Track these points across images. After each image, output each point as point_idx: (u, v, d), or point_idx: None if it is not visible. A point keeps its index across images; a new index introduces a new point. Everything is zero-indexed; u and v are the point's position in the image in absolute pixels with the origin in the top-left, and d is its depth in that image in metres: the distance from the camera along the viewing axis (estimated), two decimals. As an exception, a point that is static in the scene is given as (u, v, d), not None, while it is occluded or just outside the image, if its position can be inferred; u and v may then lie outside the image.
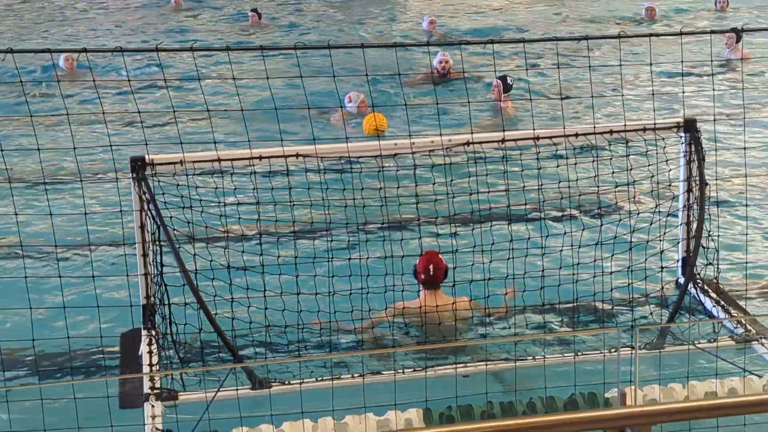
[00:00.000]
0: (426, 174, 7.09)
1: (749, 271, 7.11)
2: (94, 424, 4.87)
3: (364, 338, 6.47)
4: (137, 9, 21.22)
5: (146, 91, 13.21)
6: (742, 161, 7.83)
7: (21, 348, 6.52)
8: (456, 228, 6.67)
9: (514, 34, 16.95)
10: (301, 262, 6.32)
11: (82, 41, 18.00)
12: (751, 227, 7.98)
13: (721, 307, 6.32)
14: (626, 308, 6.67)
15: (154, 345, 5.92)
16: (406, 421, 4.91)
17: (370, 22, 19.50)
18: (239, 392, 5.27)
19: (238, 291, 6.03)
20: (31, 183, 9.56)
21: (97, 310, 5.89)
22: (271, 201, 6.39)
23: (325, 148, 6.42)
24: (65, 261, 8.00)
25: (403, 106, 9.81)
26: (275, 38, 18.13)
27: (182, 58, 14.13)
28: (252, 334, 6.03)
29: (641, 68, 12.52)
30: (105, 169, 9.86)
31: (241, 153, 6.17)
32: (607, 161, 6.83)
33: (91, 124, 11.62)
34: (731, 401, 3.93)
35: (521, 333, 6.38)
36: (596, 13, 18.78)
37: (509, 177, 6.53)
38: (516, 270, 6.39)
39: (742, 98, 9.64)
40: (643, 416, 3.46)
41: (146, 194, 5.84)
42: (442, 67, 12.79)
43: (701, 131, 6.50)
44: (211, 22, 19.77)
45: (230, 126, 10.71)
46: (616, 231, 6.54)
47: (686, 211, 6.50)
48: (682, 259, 6.64)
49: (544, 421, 3.51)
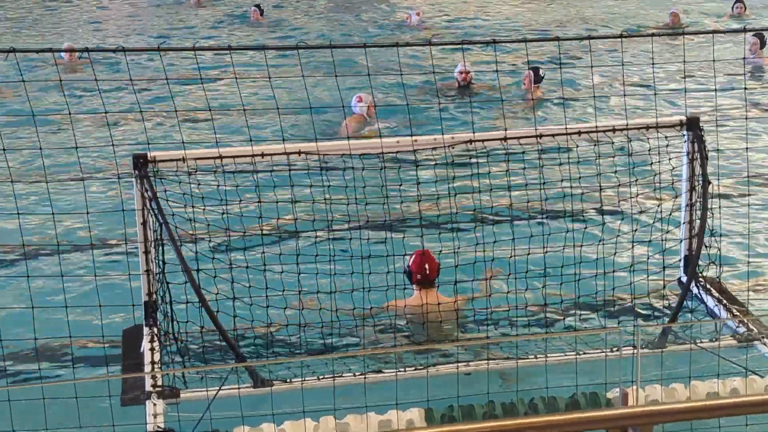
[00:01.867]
0: (429, 171, 7.09)
1: (752, 269, 7.11)
2: (96, 422, 4.87)
3: (365, 334, 6.47)
4: (147, 5, 21.29)
5: (150, 88, 13.20)
6: (744, 160, 7.83)
7: (23, 346, 6.53)
8: (457, 226, 6.67)
9: (532, 35, 16.91)
10: (303, 262, 6.31)
11: (92, 34, 18.10)
12: (754, 226, 7.96)
13: (724, 306, 6.31)
14: (628, 307, 6.66)
15: (156, 342, 5.92)
16: (407, 420, 4.91)
17: (370, 19, 19.56)
18: (241, 391, 5.27)
19: (240, 289, 6.03)
20: (33, 181, 9.56)
21: (99, 309, 5.89)
22: (273, 199, 6.38)
23: (327, 146, 6.41)
24: (67, 259, 8.00)
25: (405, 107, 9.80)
26: (277, 34, 18.18)
27: (187, 56, 14.12)
28: (254, 333, 6.03)
29: (664, 69, 12.63)
30: (107, 166, 9.88)
31: (243, 150, 6.17)
32: (611, 159, 6.83)
33: (92, 124, 11.63)
34: (733, 401, 3.92)
35: (522, 333, 6.38)
36: (621, 19, 18.71)
37: (511, 175, 6.51)
38: (518, 269, 6.38)
39: (744, 97, 9.64)
40: (645, 416, 3.46)
41: (148, 191, 5.84)
42: (462, 79, 12.84)
43: (704, 130, 6.49)
44: (215, 17, 19.79)
45: (234, 123, 10.72)
46: (618, 229, 6.53)
47: (689, 210, 6.49)
48: (684, 257, 6.62)
49: (545, 421, 3.50)
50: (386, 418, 4.96)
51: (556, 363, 5.56)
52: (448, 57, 14.72)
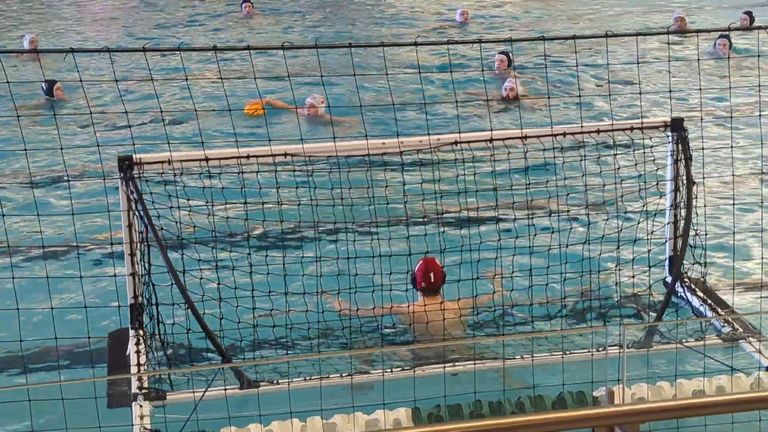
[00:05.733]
0: (414, 172, 7.09)
1: (736, 269, 7.13)
2: (82, 424, 4.85)
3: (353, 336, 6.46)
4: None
5: (137, 90, 13.16)
6: (729, 160, 7.85)
7: (8, 348, 6.50)
8: (444, 227, 6.67)
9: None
10: (289, 262, 6.31)
11: (84, 34, 18.12)
12: (739, 226, 8.00)
13: (709, 305, 6.34)
14: (614, 307, 6.68)
15: (141, 345, 5.90)
16: (394, 420, 4.91)
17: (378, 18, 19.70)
18: (227, 392, 5.26)
19: (226, 291, 6.01)
20: (19, 183, 9.52)
21: (85, 311, 5.87)
22: (259, 201, 6.37)
23: (313, 147, 6.40)
24: (53, 261, 7.96)
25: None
26: (268, 28, 18.24)
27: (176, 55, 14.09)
28: (240, 334, 6.01)
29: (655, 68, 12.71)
30: (91, 168, 9.84)
31: (229, 152, 6.15)
32: (595, 160, 6.85)
33: (79, 124, 11.59)
34: (719, 399, 3.95)
35: (509, 332, 6.39)
36: (628, 25, 18.74)
37: (497, 176, 6.52)
38: (504, 268, 6.39)
39: (729, 98, 9.68)
40: (632, 415, 3.47)
41: (134, 194, 5.82)
42: (506, 95, 12.58)
43: (688, 130, 6.52)
44: (205, 15, 19.84)
45: (219, 125, 10.69)
46: (603, 230, 6.55)
47: (673, 210, 6.52)
48: (669, 258, 6.65)
49: (532, 420, 3.51)
50: (373, 417, 4.96)
51: (542, 363, 5.57)
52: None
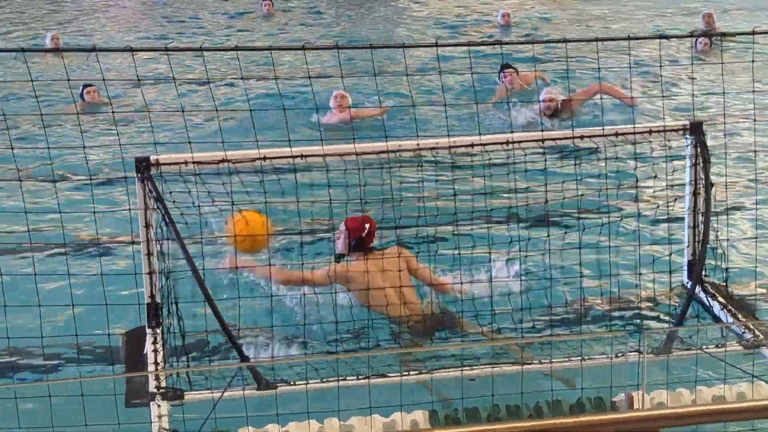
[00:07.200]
0: (431, 173, 7.09)
1: (759, 274, 7.08)
2: (100, 422, 4.87)
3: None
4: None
5: (156, 89, 13.22)
6: (752, 164, 7.80)
7: (28, 344, 6.54)
8: (458, 229, 6.65)
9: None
10: (307, 262, 6.32)
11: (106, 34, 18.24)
12: (761, 229, 7.94)
13: (729, 311, 6.28)
14: (633, 312, 6.64)
15: (159, 343, 5.92)
16: (411, 422, 4.90)
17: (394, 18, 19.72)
18: (245, 392, 5.27)
19: (244, 290, 6.03)
20: (39, 180, 9.58)
21: (105, 308, 5.90)
22: (278, 200, 6.38)
23: (331, 149, 6.40)
24: (74, 259, 8.01)
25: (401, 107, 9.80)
26: (287, 27, 18.29)
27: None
28: (259, 334, 6.03)
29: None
30: (112, 165, 9.89)
31: (247, 153, 6.15)
32: (614, 163, 6.81)
33: (98, 123, 11.65)
34: (739, 406, 3.92)
35: (527, 336, 6.37)
36: (653, 27, 18.69)
37: (514, 178, 6.49)
38: (521, 273, 6.38)
39: (753, 100, 9.61)
40: (651, 420, 3.45)
41: (152, 193, 5.84)
42: (546, 107, 11.73)
43: (707, 134, 6.47)
44: (223, 14, 19.90)
45: (237, 127, 10.71)
46: (623, 234, 6.53)
47: (692, 214, 6.47)
48: (689, 262, 6.61)
49: (550, 425, 3.49)
50: (390, 419, 4.95)
51: (561, 368, 5.54)
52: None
